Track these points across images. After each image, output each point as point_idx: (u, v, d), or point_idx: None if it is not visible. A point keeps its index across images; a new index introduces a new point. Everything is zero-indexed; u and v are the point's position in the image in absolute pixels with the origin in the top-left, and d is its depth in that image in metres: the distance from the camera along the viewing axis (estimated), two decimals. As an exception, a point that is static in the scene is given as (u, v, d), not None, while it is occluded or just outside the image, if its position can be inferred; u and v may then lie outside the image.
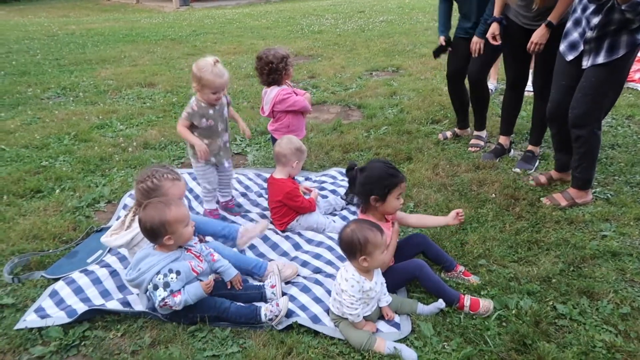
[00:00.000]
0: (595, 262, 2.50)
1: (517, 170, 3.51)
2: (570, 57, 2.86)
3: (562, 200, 3.04)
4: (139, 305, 2.22)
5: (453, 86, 3.97)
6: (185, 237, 2.09)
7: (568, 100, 2.88)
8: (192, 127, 2.83)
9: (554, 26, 3.02)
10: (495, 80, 5.44)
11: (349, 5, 14.84)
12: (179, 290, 2.04)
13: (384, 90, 5.58)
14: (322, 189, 3.34)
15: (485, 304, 2.16)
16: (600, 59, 2.71)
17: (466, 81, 3.86)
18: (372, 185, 2.20)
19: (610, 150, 3.76)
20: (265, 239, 2.78)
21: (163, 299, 2.01)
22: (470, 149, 3.90)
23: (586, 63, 2.78)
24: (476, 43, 3.51)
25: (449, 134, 4.15)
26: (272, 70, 3.10)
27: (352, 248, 2.00)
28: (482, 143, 3.95)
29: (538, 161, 3.61)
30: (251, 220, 3.01)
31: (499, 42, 3.39)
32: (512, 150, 3.81)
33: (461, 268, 2.42)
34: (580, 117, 2.83)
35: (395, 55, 7.41)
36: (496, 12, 3.39)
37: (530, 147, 3.63)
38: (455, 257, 2.56)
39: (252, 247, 2.74)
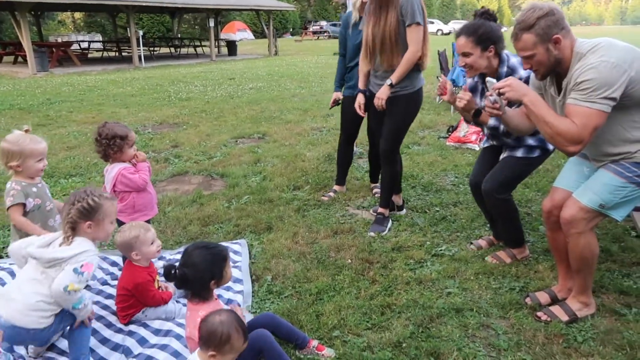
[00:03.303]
0: (442, 320, 2.60)
1: (372, 234, 3.63)
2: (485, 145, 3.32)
3: (506, 258, 3.17)
4: None
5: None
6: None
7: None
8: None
9: (392, 84, 3.41)
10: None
11: (220, 72, 15.08)
12: None
13: (248, 157, 5.59)
14: (176, 268, 3.12)
15: None
16: (519, 154, 3.06)
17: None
18: (208, 273, 2.09)
19: (453, 207, 4.08)
20: (104, 340, 2.46)
21: None
22: (375, 195, 4.31)
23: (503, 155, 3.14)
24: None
25: (332, 194, 4.38)
26: (98, 144, 2.88)
27: (211, 340, 1.82)
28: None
29: (390, 222, 3.78)
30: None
31: (364, 112, 3.76)
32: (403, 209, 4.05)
33: (314, 343, 2.36)
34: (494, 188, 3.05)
35: (262, 122, 7.55)
36: (361, 85, 3.74)
37: (380, 210, 3.79)
38: (311, 330, 2.50)
39: (92, 351, 2.40)
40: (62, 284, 2.01)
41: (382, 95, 3.46)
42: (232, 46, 24.01)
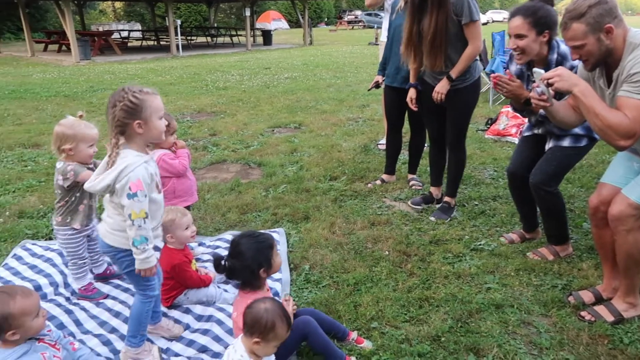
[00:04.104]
0: (481, 315, 2.57)
1: (432, 219, 3.69)
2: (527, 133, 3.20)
3: (548, 254, 3.11)
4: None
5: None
6: (34, 330, 1.84)
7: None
8: (62, 198, 2.63)
9: (452, 79, 3.38)
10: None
11: (255, 62, 15.18)
12: None
13: (284, 147, 5.62)
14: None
15: None
16: (566, 143, 2.97)
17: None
18: (255, 261, 2.12)
19: (492, 202, 4.01)
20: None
21: None
22: (412, 187, 4.35)
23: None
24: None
25: (378, 182, 4.40)
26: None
27: (255, 326, 1.86)
28: (420, 184, 4.40)
29: (455, 212, 3.77)
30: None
31: (416, 106, 3.77)
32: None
33: (354, 335, 2.37)
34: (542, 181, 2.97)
35: (298, 112, 7.58)
36: (412, 79, 3.76)
37: (446, 199, 3.82)
38: (349, 320, 2.52)
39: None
40: (127, 215, 1.94)
41: (441, 89, 3.42)
42: (267, 36, 24.10)
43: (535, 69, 2.54)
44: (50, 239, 3.47)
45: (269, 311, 1.87)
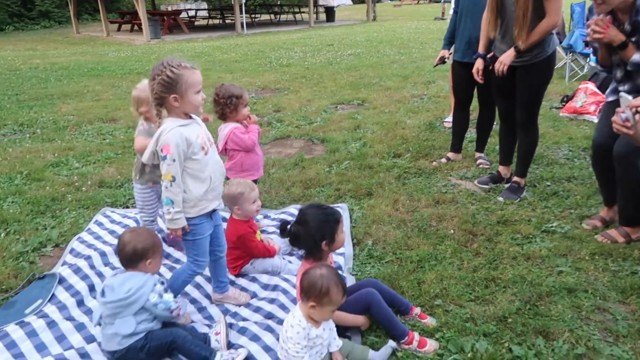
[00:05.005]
0: (552, 299, 2.48)
1: (501, 199, 3.57)
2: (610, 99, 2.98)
3: (618, 237, 2.97)
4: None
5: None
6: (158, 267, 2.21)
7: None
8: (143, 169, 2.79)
9: (520, 50, 3.21)
10: None
11: (318, 39, 15.12)
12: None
13: (348, 123, 5.60)
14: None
15: (432, 344, 2.16)
16: None
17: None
18: (319, 232, 2.14)
19: (567, 183, 3.81)
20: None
21: (174, 302, 2.10)
22: (479, 166, 4.22)
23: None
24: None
25: (443, 160, 4.31)
26: (216, 104, 3.07)
27: (311, 290, 1.92)
28: (487, 162, 4.27)
29: (525, 192, 3.63)
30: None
31: (482, 79, 3.62)
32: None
33: (417, 310, 2.36)
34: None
35: (361, 88, 7.50)
36: (481, 49, 3.60)
37: (516, 178, 3.68)
38: (412, 297, 2.51)
39: (208, 296, 2.63)
40: (158, 176, 2.08)
41: (505, 60, 3.27)
42: (330, 12, 23.88)
43: (622, 94, 2.36)
44: (127, 207, 3.68)
45: (324, 277, 1.90)
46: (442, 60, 4.34)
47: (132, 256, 2.11)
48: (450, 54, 4.22)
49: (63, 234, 3.28)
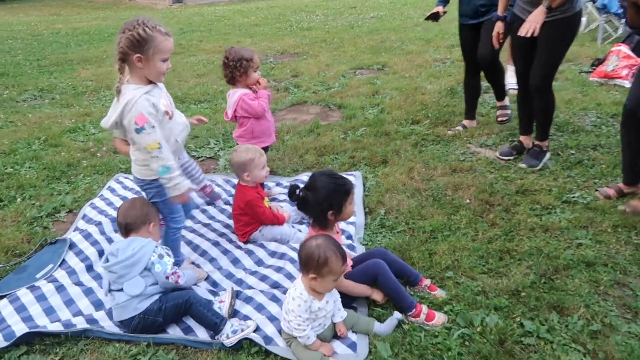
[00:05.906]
0: (569, 273, 2.38)
1: (523, 165, 3.43)
2: None
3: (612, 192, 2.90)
4: (84, 323, 2.11)
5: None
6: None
7: None
8: None
9: (551, 9, 2.98)
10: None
11: (341, 1, 14.70)
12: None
13: (366, 89, 5.45)
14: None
15: (441, 317, 2.10)
16: None
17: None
18: (327, 201, 2.08)
19: (592, 151, 3.63)
20: (225, 251, 2.66)
21: (173, 265, 2.12)
22: (499, 119, 4.13)
23: None
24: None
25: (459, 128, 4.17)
26: (226, 67, 2.98)
27: (309, 262, 1.89)
28: (509, 112, 4.12)
29: (547, 156, 3.48)
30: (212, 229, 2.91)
31: (499, 42, 3.50)
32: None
33: (427, 282, 2.30)
34: None
35: (381, 53, 7.28)
36: (500, 10, 3.41)
37: (537, 142, 3.50)
38: (422, 268, 2.45)
39: (212, 259, 2.63)
40: (143, 148, 2.00)
41: (537, 18, 2.98)
42: (354, -27, 23.13)
43: None
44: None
45: (321, 246, 1.85)
46: (435, 16, 4.01)
47: (132, 225, 2.17)
48: (444, 12, 3.99)
49: (77, 199, 3.31)
